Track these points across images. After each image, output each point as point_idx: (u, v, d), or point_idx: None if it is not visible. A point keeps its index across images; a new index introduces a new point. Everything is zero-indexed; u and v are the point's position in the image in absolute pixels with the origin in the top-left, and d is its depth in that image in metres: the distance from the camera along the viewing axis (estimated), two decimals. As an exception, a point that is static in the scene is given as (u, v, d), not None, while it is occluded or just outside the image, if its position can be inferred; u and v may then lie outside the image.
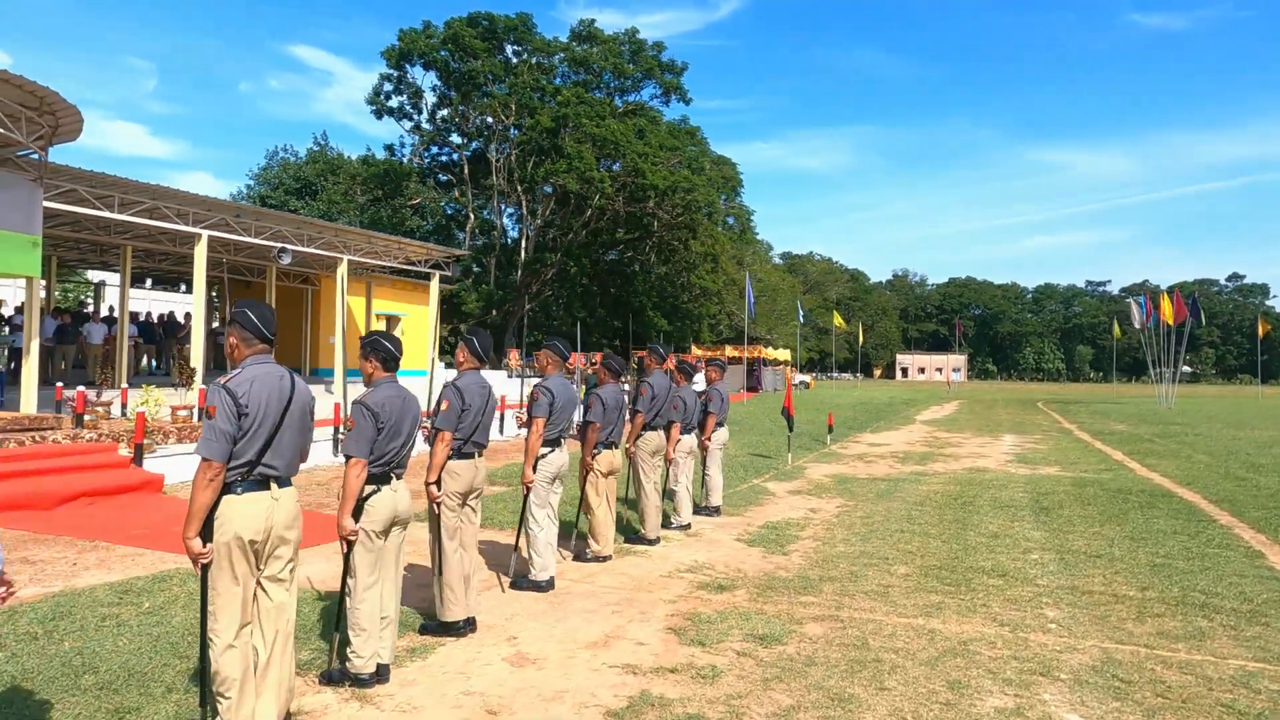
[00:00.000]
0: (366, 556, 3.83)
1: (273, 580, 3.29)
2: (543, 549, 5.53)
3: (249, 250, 19.57)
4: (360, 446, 3.76)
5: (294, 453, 3.33)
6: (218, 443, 3.07)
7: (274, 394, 3.22)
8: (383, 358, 3.96)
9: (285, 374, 3.33)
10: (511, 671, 4.14)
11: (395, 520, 3.93)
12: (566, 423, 5.62)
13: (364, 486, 3.81)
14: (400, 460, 3.94)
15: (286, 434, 3.27)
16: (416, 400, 4.06)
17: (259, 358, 3.30)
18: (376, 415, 3.80)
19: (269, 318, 3.33)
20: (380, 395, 3.89)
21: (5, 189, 11.41)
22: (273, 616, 3.29)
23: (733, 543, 7.33)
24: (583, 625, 4.89)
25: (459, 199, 44.82)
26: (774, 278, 68.99)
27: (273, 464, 3.23)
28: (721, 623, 5.00)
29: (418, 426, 4.03)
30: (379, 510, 3.83)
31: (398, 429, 3.89)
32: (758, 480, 11.19)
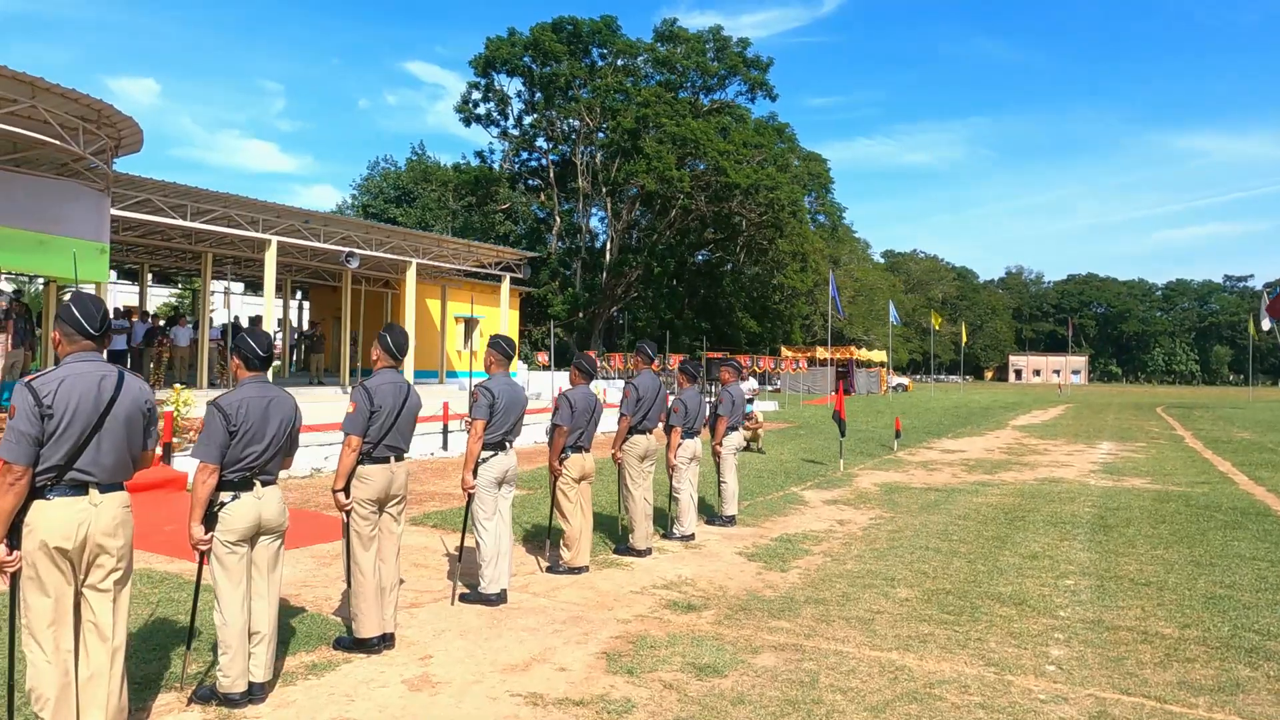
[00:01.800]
0: (226, 569, 3.57)
1: (94, 590, 3.06)
2: (491, 559, 5.19)
3: (321, 255, 20.19)
4: (208, 450, 3.50)
5: (117, 458, 3.08)
6: (18, 444, 2.86)
7: (87, 395, 2.99)
8: (245, 356, 3.71)
9: (110, 374, 3.09)
10: (402, 696, 3.81)
11: (262, 529, 3.66)
12: (513, 425, 5.26)
13: (219, 493, 3.56)
14: (264, 465, 3.66)
15: (106, 438, 3.03)
16: (288, 401, 3.78)
17: (80, 355, 3.08)
18: (228, 417, 3.53)
19: (92, 311, 3.10)
20: (237, 395, 3.62)
21: (75, 200, 12.05)
22: (95, 630, 3.06)
23: (732, 556, 6.80)
24: (512, 645, 4.52)
25: (546, 203, 45.33)
26: (872, 277, 66.76)
27: (88, 469, 2.99)
28: (667, 648, 4.53)
29: (289, 429, 3.74)
30: (236, 519, 3.57)
31: (258, 432, 3.61)
32: (797, 488, 10.53)
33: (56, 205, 11.66)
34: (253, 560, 3.66)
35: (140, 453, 3.22)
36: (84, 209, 12.13)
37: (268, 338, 3.80)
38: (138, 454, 3.20)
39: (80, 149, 10.87)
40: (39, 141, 10.59)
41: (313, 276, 24.76)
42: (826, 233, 51.29)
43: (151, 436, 3.27)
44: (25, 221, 11.16)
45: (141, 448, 3.23)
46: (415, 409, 4.52)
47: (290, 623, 4.68)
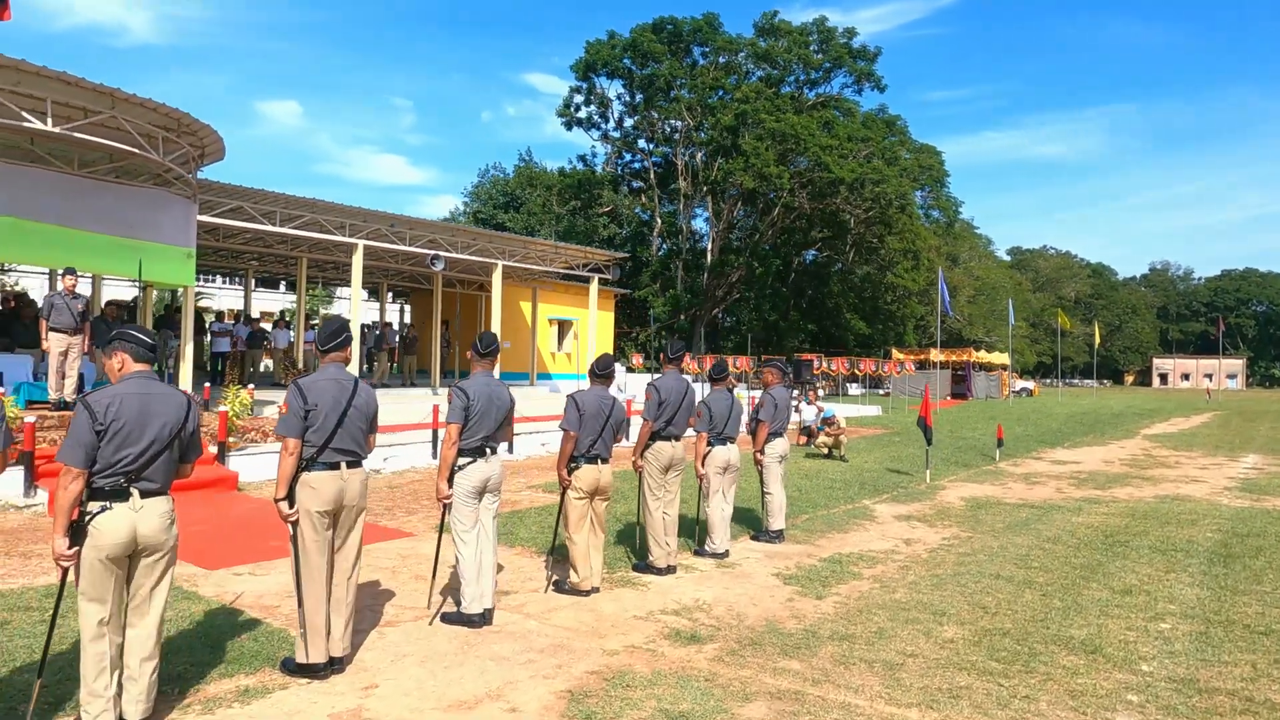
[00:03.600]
0: (91, 590, 3.20)
1: None
2: (471, 577, 4.73)
3: (413, 259, 20.53)
4: (71, 453, 3.15)
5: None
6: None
7: None
8: (132, 350, 3.36)
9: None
10: (320, 734, 3.40)
11: (139, 547, 3.28)
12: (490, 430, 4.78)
13: (88, 502, 3.20)
14: (139, 472, 3.29)
15: None
16: (177, 402, 3.41)
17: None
18: (94, 415, 3.18)
19: None
20: (112, 391, 3.27)
21: (164, 207, 12.55)
22: None
23: (766, 578, 6.10)
24: (470, 677, 4.05)
25: (648, 204, 45.10)
26: (994, 275, 63.02)
27: None
28: (644, 689, 3.94)
29: (173, 433, 3.37)
30: (108, 532, 3.20)
31: (133, 433, 3.24)
32: (869, 500, 9.63)
33: (147, 212, 12.15)
34: (132, 583, 3.29)
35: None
36: (172, 216, 12.61)
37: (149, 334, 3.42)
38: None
39: (160, 157, 11.24)
40: (124, 152, 11.02)
41: (409, 281, 25.35)
42: (941, 229, 48.62)
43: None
44: (117, 228, 11.66)
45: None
46: (365, 409, 4.12)
47: (244, 640, 4.37)
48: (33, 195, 10.86)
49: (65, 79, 9.77)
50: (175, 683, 3.75)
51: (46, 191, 11.06)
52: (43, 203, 10.90)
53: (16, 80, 9.61)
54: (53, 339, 9.65)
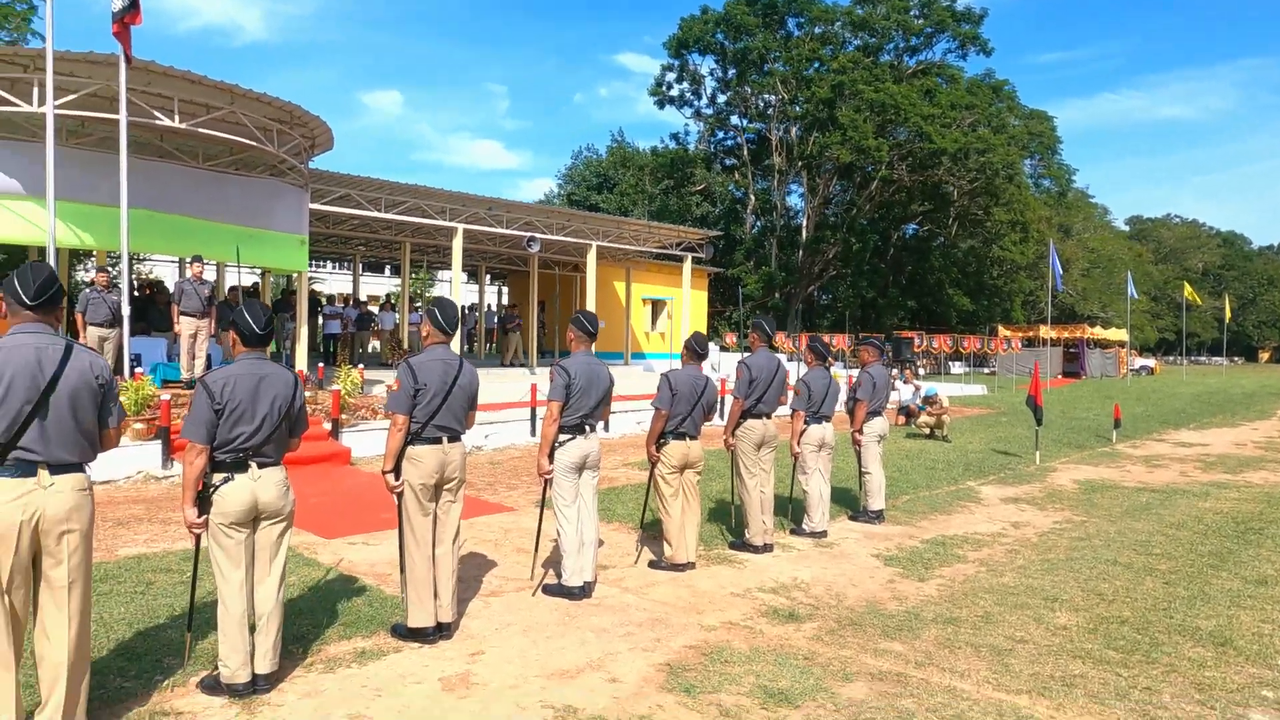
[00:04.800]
0: (224, 553, 3.45)
1: (57, 583, 2.94)
2: (571, 550, 4.84)
3: (509, 241, 20.94)
4: (194, 429, 3.37)
5: (65, 436, 2.94)
6: None
7: (23, 369, 2.86)
8: (241, 331, 3.55)
9: (53, 346, 2.94)
10: (430, 696, 3.55)
11: (260, 513, 3.51)
12: (591, 408, 4.85)
13: (212, 474, 3.43)
14: (258, 446, 3.50)
15: (52, 414, 2.91)
16: (285, 379, 3.59)
17: (24, 326, 2.96)
18: (213, 395, 3.38)
19: (30, 281, 2.95)
20: (226, 372, 3.46)
21: (280, 197, 13.21)
22: (59, 624, 2.94)
23: (866, 559, 5.99)
24: (572, 648, 4.15)
25: (741, 181, 44.54)
26: (1111, 246, 59.43)
27: (32, 447, 2.87)
28: (743, 665, 3.95)
29: (282, 410, 3.56)
30: (231, 501, 3.43)
31: (247, 412, 3.44)
32: (974, 482, 9.30)
33: (263, 202, 12.84)
34: (255, 545, 3.53)
35: (99, 432, 3.08)
36: (286, 205, 13.28)
37: (268, 312, 3.63)
38: (94, 434, 3.06)
39: (275, 149, 11.84)
40: (242, 144, 11.66)
41: (507, 263, 25.90)
42: (1053, 199, 46.10)
43: (110, 414, 3.11)
44: (237, 218, 12.37)
45: (100, 427, 3.08)
46: (468, 388, 4.24)
47: (359, 604, 4.61)
48: (163, 188, 11.62)
49: (189, 78, 10.39)
50: (299, 642, 3.99)
51: (175, 184, 11.81)
52: (172, 195, 11.65)
53: (148, 80, 10.28)
54: (183, 323, 10.33)
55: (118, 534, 6.08)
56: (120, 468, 8.14)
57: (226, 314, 12.69)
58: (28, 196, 10.60)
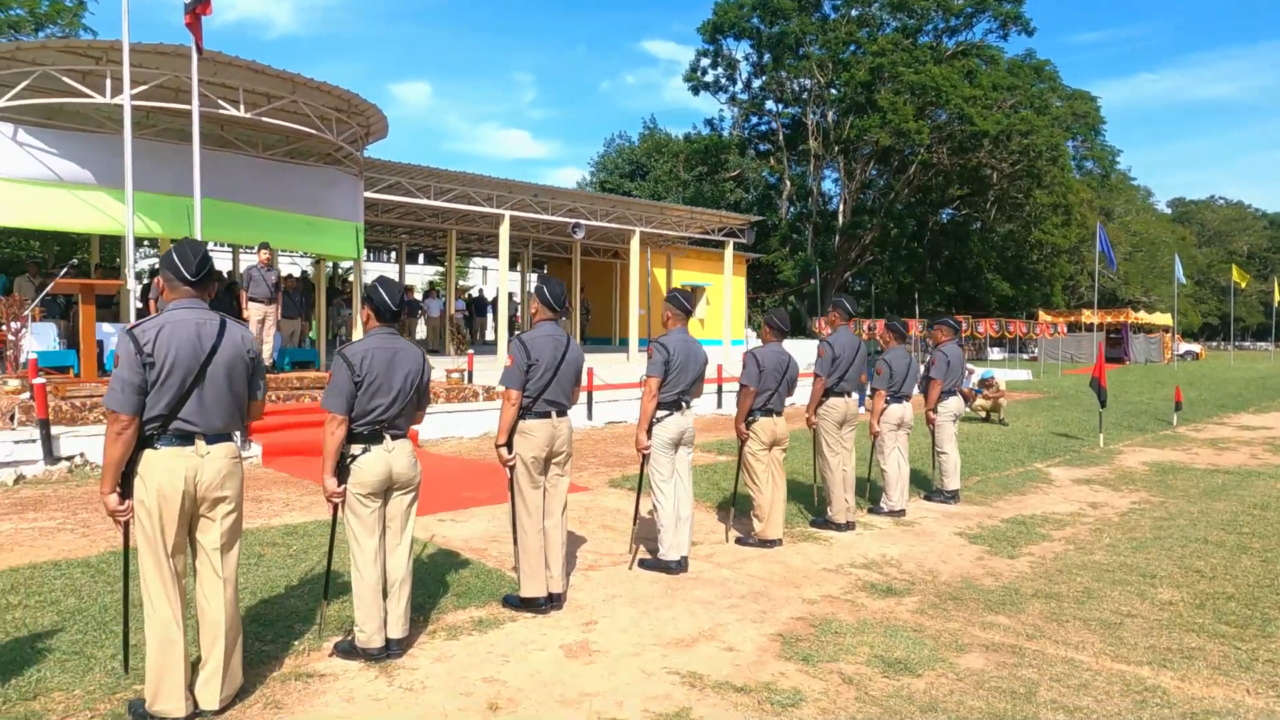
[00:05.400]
0: (359, 522, 3.55)
1: (211, 546, 3.08)
2: (669, 525, 4.91)
3: (553, 228, 21.05)
4: (335, 401, 3.47)
5: (220, 407, 3.05)
6: (122, 393, 2.87)
7: (185, 344, 2.95)
8: (376, 306, 3.62)
9: (210, 321, 3.04)
10: (556, 663, 3.64)
11: (393, 483, 3.60)
12: (689, 385, 4.90)
13: (349, 445, 3.53)
14: (392, 419, 3.59)
15: (210, 388, 3.01)
16: (415, 355, 3.68)
17: (181, 302, 3.06)
18: (353, 367, 3.47)
19: (189, 257, 3.05)
20: (363, 346, 3.55)
21: (335, 185, 13.40)
22: (215, 586, 3.07)
23: (949, 537, 5.99)
24: (682, 618, 4.21)
25: (776, 167, 44.22)
26: (1153, 229, 58.23)
27: (191, 419, 2.99)
28: (854, 636, 3.99)
29: (414, 384, 3.65)
30: (368, 472, 3.52)
31: (384, 384, 3.53)
32: (1042, 464, 9.23)
33: (320, 190, 13.03)
34: (386, 515, 3.62)
35: (248, 403, 3.20)
36: (342, 193, 13.47)
37: (400, 289, 3.73)
38: (244, 405, 3.18)
39: (334, 137, 12.00)
40: (302, 133, 11.83)
41: (548, 250, 26.01)
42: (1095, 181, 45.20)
43: (258, 387, 3.22)
44: (297, 206, 12.57)
45: (249, 398, 3.20)
46: (575, 364, 4.32)
47: (467, 576, 4.72)
48: (225, 177, 11.81)
49: (254, 67, 10.56)
50: (418, 611, 4.10)
51: (237, 173, 12.01)
52: (234, 184, 11.85)
53: (214, 71, 10.46)
54: (251, 308, 10.54)
55: (214, 511, 6.25)
56: (201, 449, 8.35)
57: (287, 301, 12.93)
58: (98, 186, 10.85)
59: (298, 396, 10.00)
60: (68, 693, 3.18)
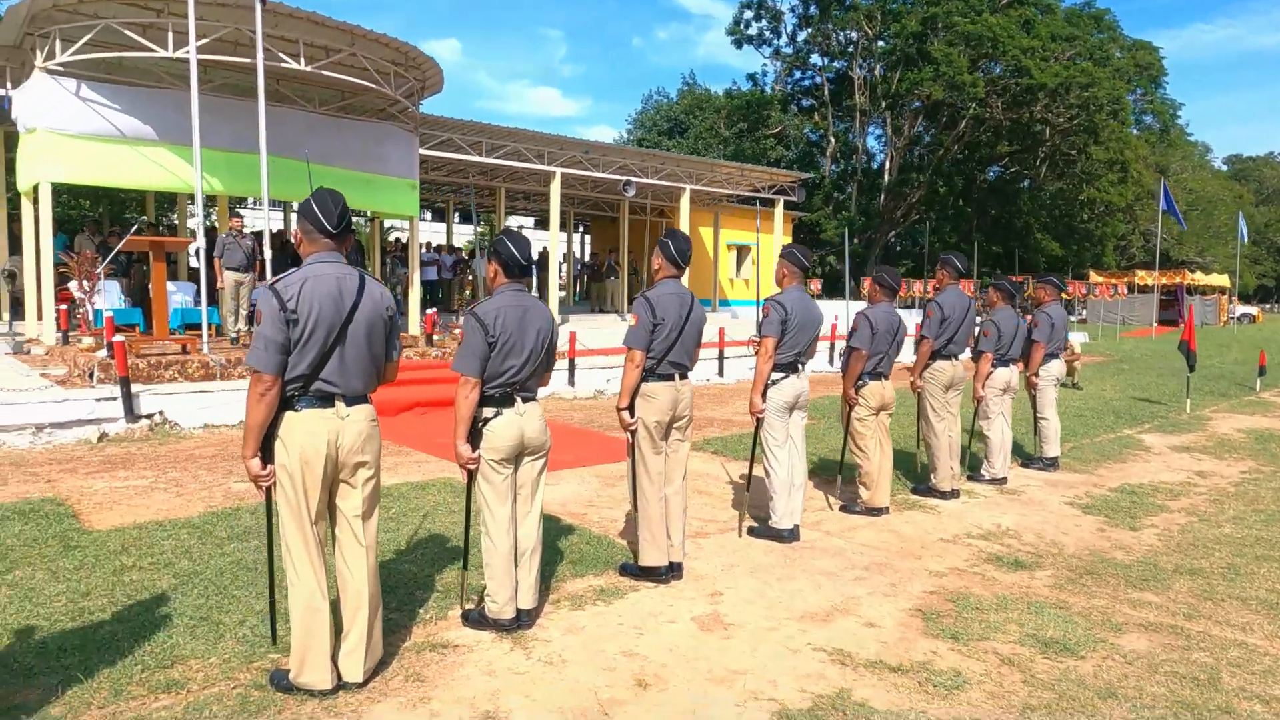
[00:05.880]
0: (492, 489, 3.37)
1: (352, 512, 2.92)
2: (782, 491, 4.71)
3: (601, 186, 20.71)
4: (469, 363, 3.26)
5: (360, 367, 2.87)
6: (265, 352, 2.70)
7: (328, 300, 2.76)
8: (504, 261, 3.39)
9: (350, 276, 2.85)
10: (693, 636, 3.48)
11: (525, 448, 3.41)
12: (805, 346, 4.66)
13: (481, 409, 3.33)
14: (524, 381, 3.38)
15: (350, 347, 2.83)
16: (545, 313, 3.46)
17: (321, 255, 2.86)
18: (486, 327, 3.26)
19: (330, 207, 2.84)
20: (494, 304, 3.32)
21: (391, 141, 13.19)
22: (358, 555, 2.93)
23: (1061, 506, 5.73)
24: (808, 590, 4.03)
25: (820, 123, 43.16)
26: (1211, 187, 56.19)
27: (332, 380, 2.82)
28: (997, 612, 3.78)
29: (546, 342, 3.44)
30: (500, 436, 3.33)
31: (517, 344, 3.31)
32: (1131, 430, 8.88)
33: (376, 146, 12.83)
34: (516, 481, 3.45)
35: (384, 364, 3.01)
36: (398, 149, 13.25)
37: (528, 243, 3.50)
38: (381, 365, 2.99)
39: (393, 91, 11.76)
40: (360, 87, 11.59)
41: (593, 208, 25.67)
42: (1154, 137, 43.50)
43: (395, 347, 3.04)
44: (353, 162, 12.40)
45: (385, 358, 3.01)
46: (699, 324, 4.09)
47: (576, 543, 4.57)
48: (281, 133, 11.62)
49: (314, 19, 10.31)
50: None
51: (293, 129, 11.82)
52: (290, 139, 11.66)
53: (275, 23, 10.23)
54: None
55: (301, 471, 6.18)
56: (274, 408, 8.30)
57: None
58: (160, 142, 10.76)
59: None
60: (203, 660, 3.09)
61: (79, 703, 2.77)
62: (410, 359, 10.16)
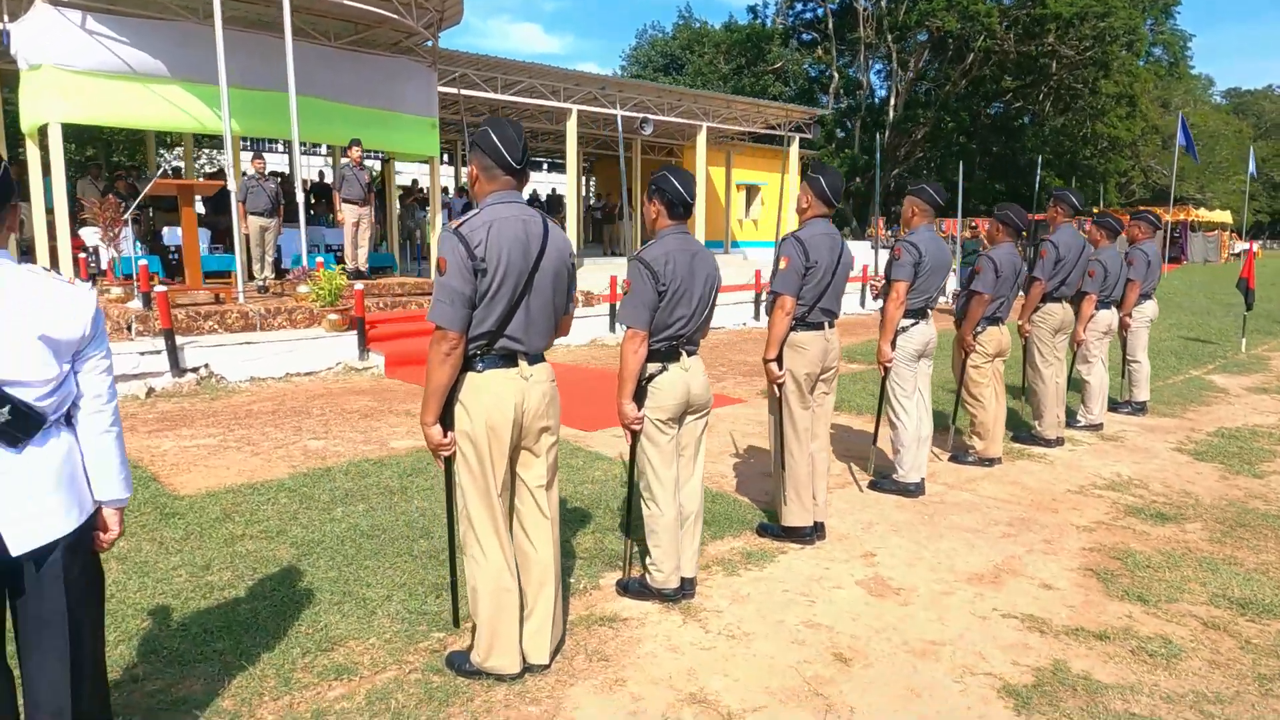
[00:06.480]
0: (658, 451, 3.09)
1: (535, 482, 2.64)
2: (910, 444, 4.47)
3: (613, 124, 20.02)
4: (638, 314, 2.94)
5: (544, 322, 2.56)
6: (452, 306, 2.37)
7: (516, 247, 2.42)
8: (670, 200, 3.03)
9: (534, 220, 2.50)
10: (867, 603, 3.26)
11: (690, 406, 3.12)
12: (935, 290, 4.37)
13: (646, 365, 3.01)
14: (691, 334, 3.09)
15: (535, 298, 2.50)
16: (712, 258, 3.13)
17: (502, 194, 2.52)
18: (657, 275, 2.93)
19: (513, 138, 2.49)
20: (662, 248, 2.98)
21: (408, 77, 12.55)
22: (541, 527, 2.67)
23: (1169, 453, 5.54)
24: (961, 549, 3.81)
25: (823, 57, 42.02)
26: (1212, 122, 55.54)
27: (517, 336, 2.51)
28: (1170, 570, 3.58)
29: (713, 291, 3.13)
30: (667, 394, 3.04)
31: (686, 293, 3.00)
32: (1197, 371, 8.70)
33: (393, 83, 12.19)
34: (680, 441, 3.16)
35: (562, 316, 2.67)
36: (416, 85, 12.61)
37: (694, 179, 3.15)
38: (559, 318, 2.66)
39: (414, 21, 11.12)
40: (379, 17, 10.94)
41: (600, 148, 24.97)
42: (1163, 70, 42.64)
43: (572, 298, 2.71)
44: (370, 99, 11.80)
45: (563, 310, 2.67)
46: (849, 268, 3.77)
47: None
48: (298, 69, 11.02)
49: (335, -57, 9.65)
50: (679, 543, 3.72)
51: (308, 65, 11.18)
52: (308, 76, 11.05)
53: (291, -55, 9.57)
54: (346, 211, 9.98)
55: (372, 425, 5.89)
56: (320, 359, 7.97)
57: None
58: (171, 79, 10.16)
59: (403, 304, 9.54)
60: (362, 641, 2.84)
61: (248, 693, 2.52)
62: (449, 306, 9.79)
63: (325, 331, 8.09)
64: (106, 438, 1.88)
